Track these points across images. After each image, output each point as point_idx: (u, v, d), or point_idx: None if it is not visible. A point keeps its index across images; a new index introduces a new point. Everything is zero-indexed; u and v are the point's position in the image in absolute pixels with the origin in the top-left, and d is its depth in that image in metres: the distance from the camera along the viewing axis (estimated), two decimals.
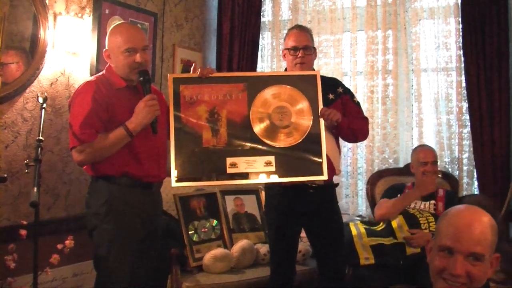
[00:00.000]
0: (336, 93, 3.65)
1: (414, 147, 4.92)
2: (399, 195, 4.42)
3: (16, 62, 3.93)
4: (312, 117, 3.34)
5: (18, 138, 3.94)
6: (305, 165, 3.33)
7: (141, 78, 3.11)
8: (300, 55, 3.57)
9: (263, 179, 3.35)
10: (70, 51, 4.29)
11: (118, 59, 3.13)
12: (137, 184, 3.12)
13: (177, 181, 3.25)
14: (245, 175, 3.28)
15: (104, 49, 3.23)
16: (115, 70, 3.17)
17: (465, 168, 5.01)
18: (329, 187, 3.65)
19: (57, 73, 4.23)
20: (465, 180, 5.00)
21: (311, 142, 3.32)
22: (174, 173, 3.23)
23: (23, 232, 3.56)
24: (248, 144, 3.29)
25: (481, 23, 4.81)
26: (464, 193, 4.97)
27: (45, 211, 4.08)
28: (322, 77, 3.51)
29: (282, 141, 3.30)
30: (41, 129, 3.37)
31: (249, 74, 4.18)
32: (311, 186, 3.52)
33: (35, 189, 2.98)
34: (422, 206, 4.30)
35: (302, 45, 3.59)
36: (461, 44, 4.94)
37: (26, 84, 3.96)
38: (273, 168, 3.28)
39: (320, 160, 3.31)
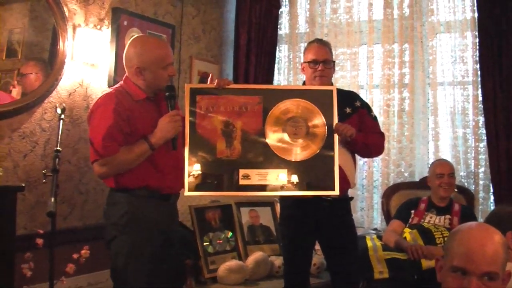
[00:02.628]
0: (353, 107, 3.64)
1: (430, 161, 4.92)
2: (412, 211, 4.41)
3: (35, 72, 3.99)
4: (326, 132, 3.33)
5: (36, 148, 3.99)
6: (317, 180, 3.32)
7: (167, 93, 3.12)
8: (319, 68, 3.57)
9: (275, 192, 3.36)
10: (89, 63, 4.35)
11: (157, 73, 3.10)
12: (156, 196, 3.12)
13: (189, 190, 3.26)
14: (257, 187, 3.28)
15: (134, 66, 3.12)
16: (147, 83, 3.12)
17: (481, 182, 4.98)
18: (344, 201, 3.63)
19: (76, 84, 4.29)
20: (481, 194, 4.97)
21: (325, 157, 3.31)
22: (187, 182, 3.24)
23: (40, 241, 3.59)
24: (262, 157, 3.29)
25: (498, 37, 4.79)
26: (481, 207, 4.95)
27: (61, 221, 4.12)
28: (340, 91, 3.50)
29: (296, 155, 3.29)
30: (59, 140, 3.40)
31: (265, 87, 4.18)
32: (326, 199, 3.50)
33: (52, 199, 2.99)
34: (437, 221, 4.29)
35: (322, 59, 3.58)
36: (477, 58, 4.92)
37: (45, 94, 4.02)
38: (285, 182, 3.27)
39: (332, 175, 3.29)
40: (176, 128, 3.05)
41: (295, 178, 3.28)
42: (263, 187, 3.28)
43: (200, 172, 3.24)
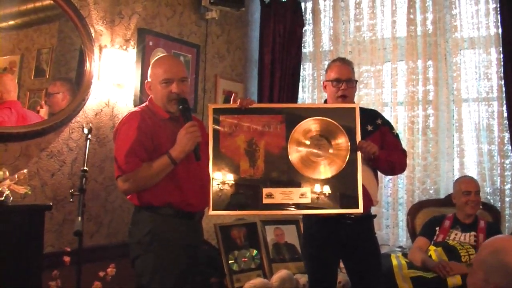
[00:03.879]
0: (375, 125, 3.64)
1: (455, 177, 4.90)
2: (437, 228, 4.40)
3: (62, 92, 4.06)
4: (349, 150, 3.34)
5: (63, 167, 4.05)
6: (340, 198, 3.32)
7: (181, 107, 3.15)
8: (343, 87, 3.57)
9: (298, 210, 3.37)
10: (115, 83, 4.41)
11: (156, 90, 3.19)
12: (180, 214, 3.14)
13: (214, 209, 3.29)
14: (281, 206, 3.30)
15: (146, 81, 3.31)
16: (155, 101, 3.22)
17: (507, 199, 4.93)
18: (367, 218, 3.62)
19: (102, 104, 4.35)
20: (507, 211, 4.92)
21: (348, 175, 3.32)
22: (211, 201, 3.27)
23: (67, 258, 3.62)
24: (285, 175, 3.31)
25: None
26: (507, 224, 4.90)
27: (88, 239, 4.17)
28: (361, 109, 3.51)
29: (319, 173, 3.31)
30: (85, 160, 3.45)
31: (287, 105, 4.20)
32: (349, 217, 3.51)
33: (79, 218, 3.04)
34: (462, 238, 4.27)
35: (345, 78, 3.59)
36: (502, 74, 4.90)
37: (72, 114, 4.08)
38: (308, 200, 3.29)
39: (355, 193, 3.31)
40: (193, 139, 3.04)
41: (318, 196, 3.30)
42: (287, 206, 3.30)
43: (224, 191, 3.28)
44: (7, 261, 3.14)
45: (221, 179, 3.28)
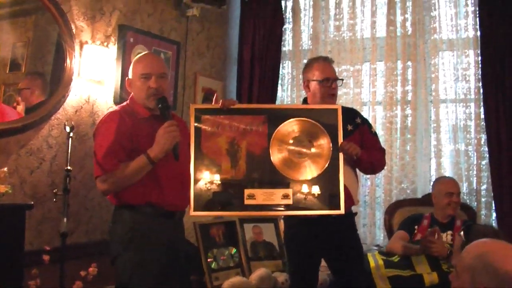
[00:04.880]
0: (354, 124, 3.66)
1: (432, 177, 4.95)
2: (416, 226, 4.44)
3: (37, 86, 4.02)
4: (331, 151, 3.36)
5: (43, 164, 4.02)
6: (322, 199, 3.34)
7: (160, 105, 3.14)
8: (333, 86, 3.60)
9: (280, 211, 3.40)
10: (95, 79, 4.38)
11: (135, 85, 3.20)
12: (161, 213, 3.14)
13: (195, 210, 3.30)
14: (262, 207, 3.31)
15: (126, 78, 3.31)
16: (135, 98, 3.23)
17: (483, 199, 5.01)
18: (348, 216, 3.64)
19: (82, 101, 4.33)
20: (483, 211, 5.00)
21: (329, 176, 3.34)
22: (192, 202, 3.27)
23: (46, 257, 3.61)
24: (267, 176, 3.33)
25: (500, 55, 4.84)
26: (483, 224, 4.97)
27: (67, 236, 4.14)
28: (342, 108, 3.53)
29: (301, 174, 3.33)
30: (68, 159, 3.43)
31: (270, 106, 4.23)
32: (330, 215, 3.53)
33: (65, 219, 3.03)
34: None
35: (334, 77, 3.62)
36: (480, 76, 4.98)
37: (51, 111, 4.04)
38: (290, 201, 3.30)
39: (337, 194, 3.33)
40: (171, 139, 3.03)
41: (300, 197, 3.31)
42: (268, 207, 3.31)
43: (205, 192, 3.28)
44: None
45: (202, 179, 3.28)
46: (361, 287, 3.66)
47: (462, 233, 4.11)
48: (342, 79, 3.75)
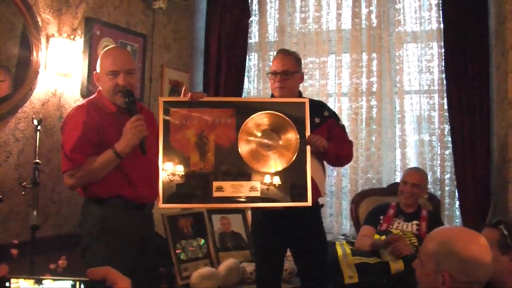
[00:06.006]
0: (322, 117, 3.68)
1: (397, 167, 5.06)
2: (381, 217, 4.51)
3: (1, 80, 3.98)
4: (299, 144, 3.39)
5: (10, 158, 3.99)
6: (290, 191, 3.37)
7: (126, 100, 3.16)
8: (277, 79, 3.61)
9: (248, 203, 3.44)
10: (62, 72, 4.35)
11: (103, 81, 3.21)
12: (130, 206, 3.17)
13: (164, 202, 3.31)
14: (231, 199, 3.33)
15: (94, 72, 3.31)
16: (103, 93, 3.24)
17: (447, 188, 5.12)
18: (315, 208, 3.66)
19: (49, 94, 4.30)
20: (447, 200, 5.11)
21: (297, 168, 3.37)
22: (161, 194, 3.29)
23: (15, 251, 3.59)
24: (235, 169, 3.34)
25: (463, 47, 4.92)
26: (447, 213, 5.08)
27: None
28: (309, 100, 3.54)
29: (269, 167, 3.35)
30: (36, 152, 3.42)
31: (238, 99, 4.26)
32: (297, 207, 3.57)
33: (35, 212, 3.02)
34: (405, 227, 4.39)
35: (281, 70, 3.61)
36: (443, 68, 5.06)
37: (18, 104, 4.02)
38: (258, 193, 3.32)
39: (304, 186, 3.36)
40: (138, 133, 3.06)
41: (268, 190, 3.34)
42: (237, 199, 3.33)
43: (174, 185, 3.29)
44: None
45: (171, 172, 3.28)
46: (324, 276, 3.72)
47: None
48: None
